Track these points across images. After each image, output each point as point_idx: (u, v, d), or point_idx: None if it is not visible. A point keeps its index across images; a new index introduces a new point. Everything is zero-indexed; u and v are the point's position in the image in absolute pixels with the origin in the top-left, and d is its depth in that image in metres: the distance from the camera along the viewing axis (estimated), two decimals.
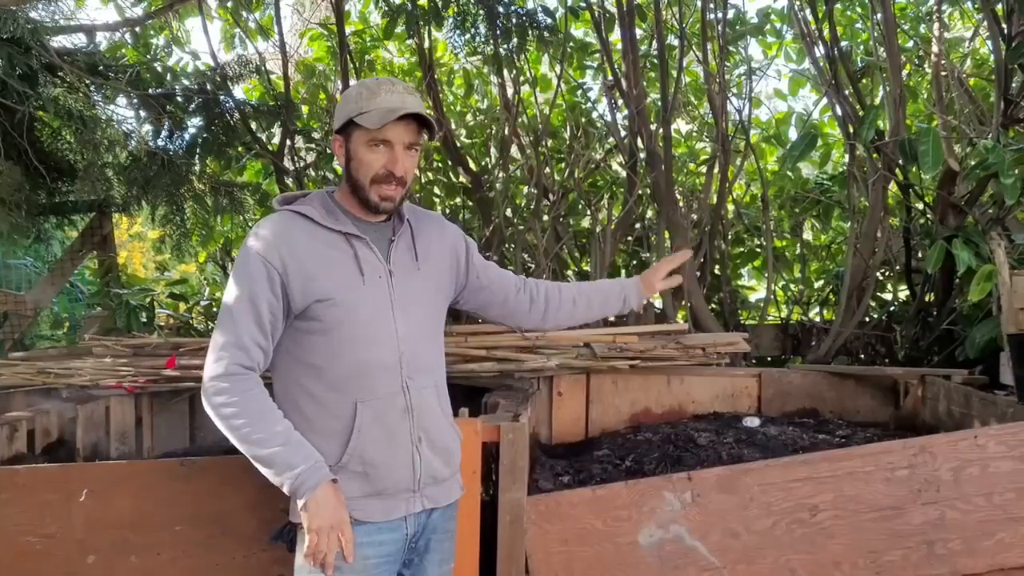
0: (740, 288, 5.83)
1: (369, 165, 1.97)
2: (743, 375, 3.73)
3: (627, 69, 4.95)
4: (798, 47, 6.02)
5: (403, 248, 2.09)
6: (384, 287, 2.02)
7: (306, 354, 1.98)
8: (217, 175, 4.74)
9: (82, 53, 4.34)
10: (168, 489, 2.50)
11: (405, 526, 2.03)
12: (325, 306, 1.95)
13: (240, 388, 1.90)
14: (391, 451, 2.00)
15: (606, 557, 2.51)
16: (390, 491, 2.00)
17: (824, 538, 2.54)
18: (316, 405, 1.97)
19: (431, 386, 2.10)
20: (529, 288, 2.41)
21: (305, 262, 1.95)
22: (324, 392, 1.97)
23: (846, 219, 5.59)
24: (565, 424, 3.59)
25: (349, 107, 1.99)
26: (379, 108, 1.95)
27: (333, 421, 1.97)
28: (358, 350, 1.98)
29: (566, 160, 5.51)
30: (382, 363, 2.00)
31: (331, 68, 6.02)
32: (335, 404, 1.97)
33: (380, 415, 1.99)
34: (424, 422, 2.05)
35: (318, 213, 2.01)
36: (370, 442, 1.97)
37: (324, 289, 1.95)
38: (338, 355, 1.97)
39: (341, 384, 1.97)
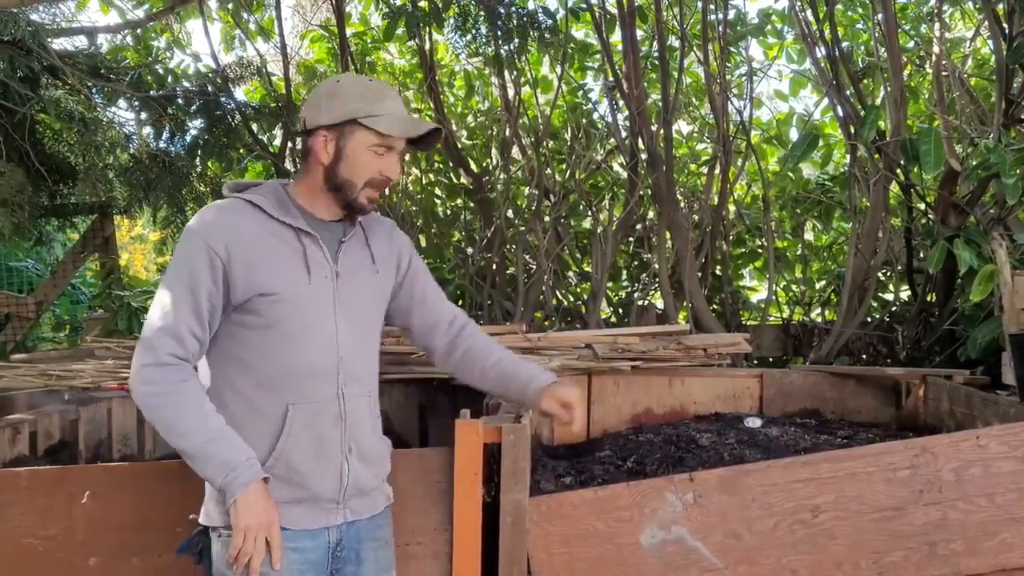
0: (741, 289, 5.82)
1: (367, 168, 1.94)
2: (744, 376, 3.73)
3: (628, 70, 4.95)
4: (799, 48, 6.02)
5: (353, 251, 2.05)
6: (329, 288, 1.97)
7: (239, 349, 1.92)
8: (218, 177, 4.74)
9: (83, 55, 4.35)
10: (169, 491, 2.49)
11: (327, 535, 1.98)
12: (267, 301, 1.89)
13: (172, 378, 1.83)
14: (319, 459, 1.95)
15: (608, 558, 2.50)
16: (313, 499, 1.95)
17: (826, 539, 2.54)
18: (244, 404, 1.91)
19: (366, 395, 2.07)
20: (456, 332, 2.30)
21: (251, 253, 1.88)
22: (254, 391, 1.91)
23: (847, 219, 5.59)
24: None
25: (352, 106, 1.92)
26: (394, 115, 1.93)
27: (261, 422, 1.91)
28: (295, 350, 1.92)
29: (567, 161, 5.51)
30: (319, 367, 1.95)
31: (332, 69, 6.02)
32: (265, 404, 1.91)
33: (311, 420, 1.93)
34: (356, 432, 2.01)
35: (270, 204, 1.94)
36: (298, 447, 1.92)
37: (268, 283, 1.89)
38: (273, 353, 1.91)
39: (273, 384, 1.91)
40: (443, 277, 5.53)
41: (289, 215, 1.95)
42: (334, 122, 1.93)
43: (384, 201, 5.36)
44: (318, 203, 1.99)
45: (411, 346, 3.45)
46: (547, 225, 5.08)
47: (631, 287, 5.80)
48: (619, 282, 5.84)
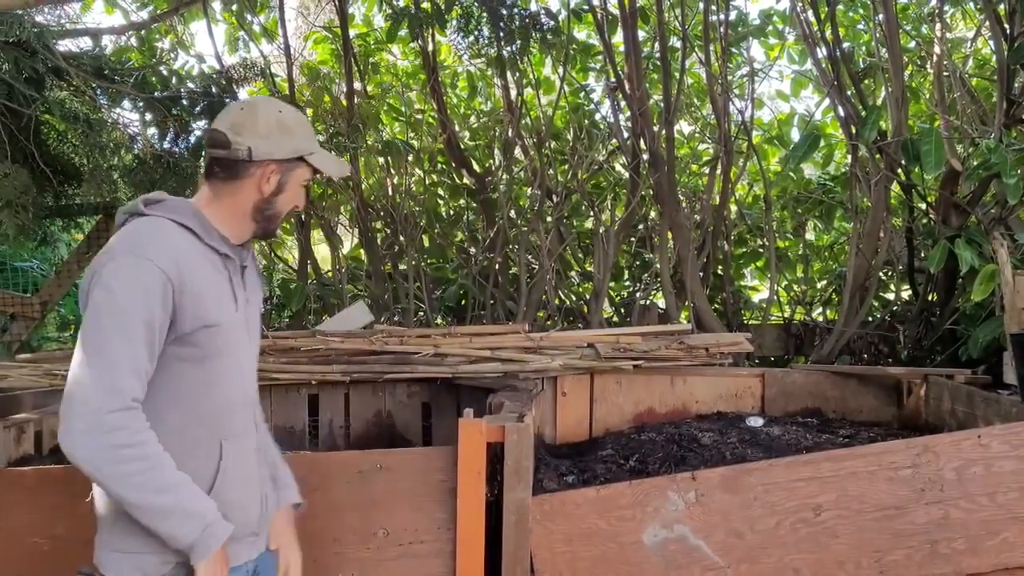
0: (742, 288, 5.84)
1: (293, 201, 1.91)
2: (746, 375, 3.74)
3: (630, 71, 4.96)
4: (800, 48, 6.04)
5: (250, 275, 1.98)
6: (243, 316, 1.90)
7: (178, 384, 1.77)
8: None
9: (88, 57, 4.36)
10: None
11: (247, 569, 1.90)
12: (210, 332, 1.77)
13: (140, 426, 1.66)
14: (247, 492, 1.89)
15: (610, 556, 2.52)
16: (240, 534, 1.84)
17: (828, 538, 2.55)
18: (182, 442, 1.76)
19: (262, 422, 2.04)
20: None
21: (196, 279, 1.75)
22: (188, 427, 1.78)
23: (848, 219, 5.60)
24: (569, 424, 3.60)
25: (301, 144, 1.88)
26: (323, 152, 1.93)
27: (197, 460, 1.78)
28: (228, 383, 1.84)
29: (569, 161, 5.53)
30: (241, 398, 1.90)
31: (335, 71, 6.03)
32: (198, 441, 1.79)
33: (240, 454, 1.87)
34: (264, 460, 2.00)
35: (198, 227, 1.81)
36: (232, 483, 1.83)
37: (211, 314, 1.77)
38: (209, 388, 1.80)
39: (208, 419, 1.81)
40: (446, 277, 5.55)
41: (214, 240, 1.84)
42: (286, 157, 1.87)
43: (387, 201, 5.38)
44: (233, 227, 1.88)
45: (415, 345, 3.48)
46: (549, 225, 5.09)
47: (633, 287, 5.82)
48: (621, 282, 5.86)
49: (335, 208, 5.59)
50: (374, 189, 5.59)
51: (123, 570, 1.75)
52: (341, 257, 5.46)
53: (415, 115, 6.01)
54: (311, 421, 3.65)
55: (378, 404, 3.70)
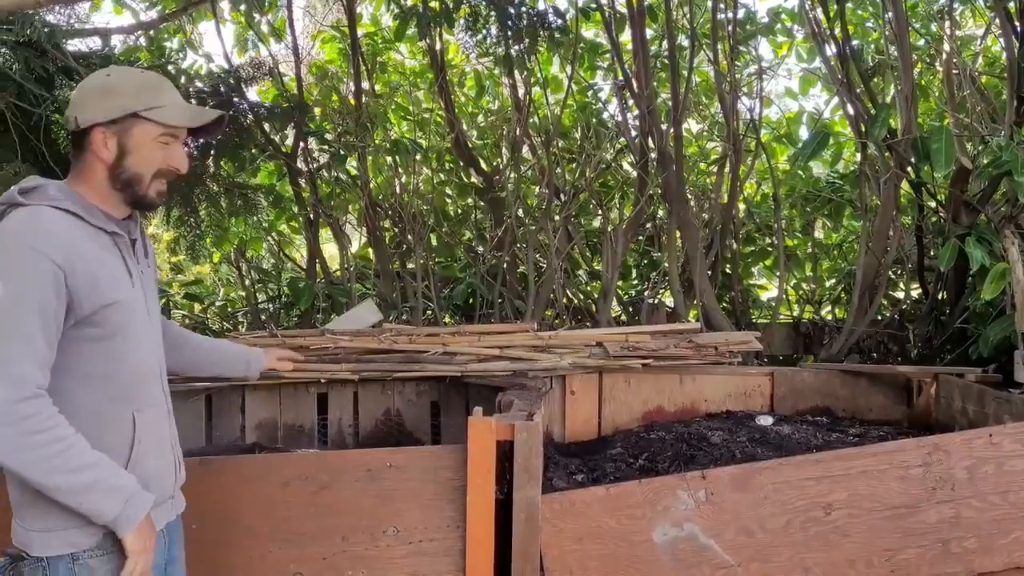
0: (751, 287, 5.82)
1: (154, 160, 1.88)
2: (755, 374, 3.74)
3: (638, 69, 4.96)
4: (808, 46, 6.02)
5: (140, 248, 2.01)
6: (140, 288, 1.94)
7: (85, 364, 1.81)
8: (231, 177, 4.76)
9: (97, 56, 4.37)
10: (186, 488, 2.52)
11: (164, 535, 1.97)
12: (111, 310, 1.82)
13: (49, 411, 1.71)
14: (162, 459, 1.96)
15: (620, 555, 2.52)
16: (159, 501, 1.92)
17: (838, 536, 2.55)
18: (96, 420, 1.81)
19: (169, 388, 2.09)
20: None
21: (88, 262, 1.78)
22: (103, 404, 1.84)
23: (857, 218, 5.59)
24: (578, 423, 3.60)
25: (130, 100, 1.85)
26: (179, 105, 1.90)
27: (111, 435, 1.84)
28: (137, 356, 1.90)
29: (577, 160, 5.52)
30: (151, 368, 1.96)
31: (343, 70, 6.04)
32: (115, 416, 1.86)
33: (153, 423, 1.93)
34: (175, 426, 2.05)
35: (80, 209, 1.83)
36: (148, 452, 1.90)
37: (109, 292, 1.82)
38: (120, 363, 1.86)
39: (122, 394, 1.86)
40: (454, 276, 5.55)
41: (98, 219, 1.86)
42: (111, 118, 1.85)
43: (395, 200, 5.39)
44: (105, 201, 1.89)
45: (424, 344, 3.48)
46: (557, 224, 5.09)
47: (641, 286, 5.81)
48: (629, 280, 5.85)
49: (343, 207, 5.60)
50: (382, 188, 5.59)
51: (52, 546, 1.79)
52: (349, 256, 5.46)
53: (423, 114, 6.02)
54: (320, 419, 3.66)
55: (387, 402, 3.71)
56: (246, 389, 3.57)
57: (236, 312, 5.75)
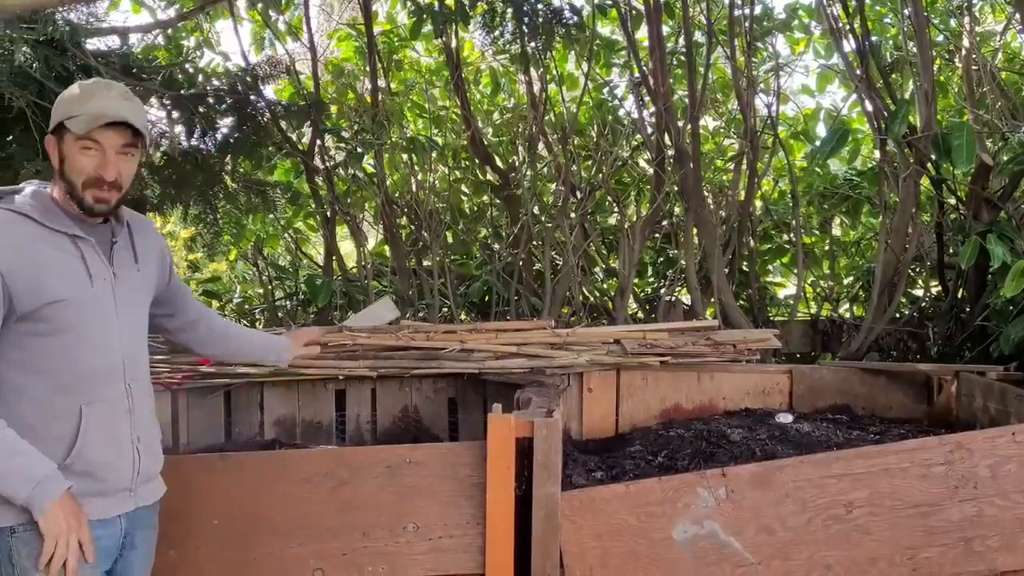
0: (768, 285, 5.80)
1: (80, 169, 1.93)
2: (774, 371, 3.72)
3: (654, 66, 4.94)
4: (826, 42, 5.99)
5: (124, 249, 2.09)
6: (109, 290, 2.02)
7: (31, 357, 1.93)
8: (249, 174, 4.78)
9: (116, 55, 4.39)
10: (207, 483, 2.53)
11: (120, 523, 2.05)
12: (56, 307, 1.91)
13: None
14: (114, 452, 2.02)
15: (640, 553, 2.51)
16: (111, 491, 2.01)
17: (860, 534, 2.54)
18: (38, 409, 1.93)
19: (146, 387, 2.16)
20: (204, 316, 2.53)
21: (33, 262, 1.89)
22: (48, 395, 1.93)
23: (875, 215, 5.55)
24: (595, 420, 3.59)
25: (61, 109, 1.95)
26: (89, 113, 1.92)
27: (57, 424, 1.94)
28: (88, 353, 1.97)
29: (593, 157, 5.51)
30: (108, 367, 2.01)
31: (359, 68, 6.05)
32: (60, 407, 1.94)
33: (105, 417, 2.00)
34: (140, 423, 2.09)
35: (39, 213, 1.94)
36: (95, 444, 1.97)
37: (55, 290, 1.91)
38: (67, 358, 1.94)
39: (67, 387, 1.95)
40: (470, 273, 5.55)
41: (60, 222, 1.96)
42: (51, 128, 1.98)
43: (411, 197, 5.39)
44: (72, 206, 1.99)
45: (441, 341, 3.48)
46: (574, 221, 5.08)
47: (657, 283, 5.80)
48: (645, 278, 5.84)
49: (360, 205, 5.61)
50: (398, 186, 5.60)
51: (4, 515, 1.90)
52: (366, 253, 5.47)
53: (439, 112, 6.02)
54: (338, 416, 3.66)
55: (404, 399, 3.71)
56: (264, 385, 3.58)
57: (254, 309, 5.77)
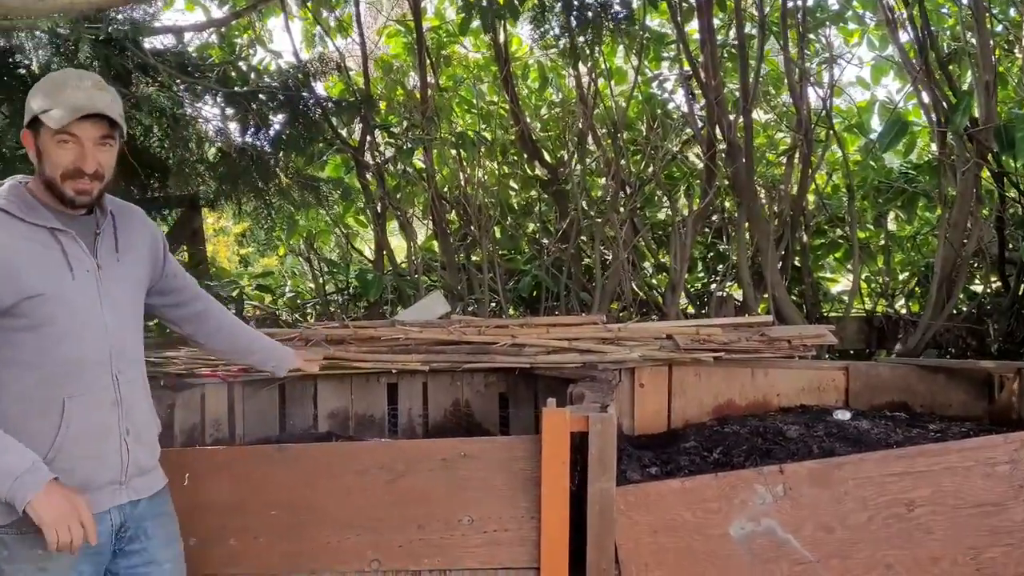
0: (821, 280, 5.72)
1: (57, 162, 1.92)
2: (829, 368, 3.66)
3: (705, 59, 4.89)
4: (881, 33, 5.87)
5: (107, 240, 2.08)
6: (92, 281, 2.01)
7: (12, 352, 1.93)
8: (301, 170, 4.84)
9: (171, 53, 4.47)
10: (264, 475, 2.56)
11: (110, 518, 2.02)
12: (35, 302, 1.91)
13: None
14: (99, 445, 2.00)
15: (696, 549, 2.49)
16: (97, 484, 1.99)
17: (922, 533, 2.49)
18: (19, 403, 1.92)
19: (139, 378, 2.13)
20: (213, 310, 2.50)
21: (9, 258, 1.88)
22: (30, 389, 1.93)
23: (932, 209, 5.44)
24: (647, 416, 3.57)
25: (35, 103, 1.94)
26: (63, 106, 1.91)
27: (39, 418, 1.93)
28: (69, 346, 1.95)
29: (642, 152, 5.48)
30: (93, 358, 2.00)
31: (408, 64, 6.09)
32: (42, 401, 1.93)
33: (90, 410, 1.98)
34: (131, 415, 2.07)
35: (16, 207, 1.94)
36: (79, 437, 1.96)
37: (32, 285, 1.90)
38: (48, 352, 1.93)
39: (51, 381, 1.94)
40: (518, 268, 5.55)
41: (39, 216, 1.96)
42: (26, 123, 1.97)
43: (460, 193, 5.41)
44: (52, 200, 1.99)
45: (493, 336, 3.49)
46: (623, 216, 5.06)
47: (707, 278, 5.75)
48: (695, 273, 5.79)
49: (410, 200, 5.65)
50: (447, 181, 5.62)
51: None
52: (416, 248, 5.51)
53: (487, 107, 6.03)
54: (390, 409, 3.69)
55: (456, 393, 3.73)
56: (318, 379, 3.62)
57: (305, 304, 5.84)
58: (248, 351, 2.61)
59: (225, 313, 2.57)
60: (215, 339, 2.51)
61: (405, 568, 2.55)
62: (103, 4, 2.97)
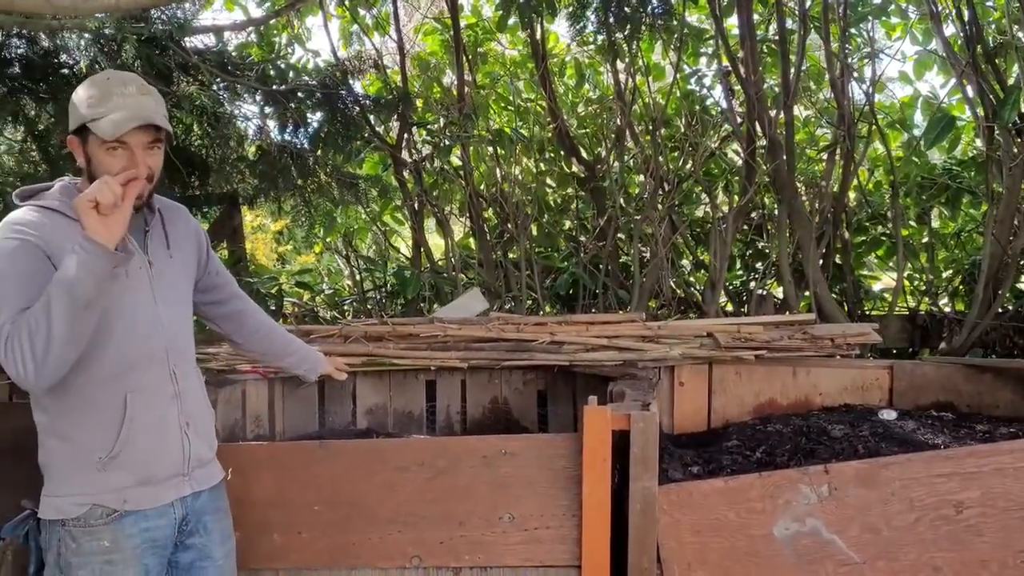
0: (863, 278, 5.63)
1: (109, 169, 1.93)
2: (873, 367, 3.60)
3: (745, 54, 4.84)
4: (924, 27, 5.77)
5: (157, 238, 2.13)
6: (145, 278, 2.05)
7: None
8: (339, 168, 4.87)
9: (211, 52, 4.52)
10: (307, 471, 2.59)
11: (173, 511, 2.08)
12: None
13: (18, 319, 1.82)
14: (162, 438, 2.05)
15: (740, 549, 2.47)
16: (161, 477, 2.05)
17: (971, 536, 2.44)
18: (82, 399, 1.96)
19: (193, 372, 2.19)
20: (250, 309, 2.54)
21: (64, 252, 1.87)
22: (90, 385, 1.96)
23: (977, 205, 5.34)
24: (687, 414, 3.54)
25: (81, 111, 1.95)
26: (112, 116, 1.91)
27: (102, 414, 1.98)
28: (126, 342, 1.99)
29: (680, 148, 5.43)
30: (150, 353, 2.04)
31: (445, 61, 6.09)
32: (103, 397, 1.98)
33: (150, 404, 2.03)
34: (189, 407, 2.12)
35: (69, 208, 1.96)
36: (141, 431, 2.00)
37: None
38: (107, 349, 1.97)
39: (109, 376, 1.97)
40: (555, 265, 5.53)
41: None
42: (72, 129, 1.99)
43: (497, 190, 5.40)
44: None
45: (532, 333, 3.48)
46: (661, 213, 5.02)
47: (746, 276, 5.69)
48: (734, 271, 5.74)
49: (447, 197, 5.65)
50: (484, 178, 5.62)
51: (47, 511, 2.00)
52: (454, 246, 5.51)
53: (524, 104, 6.02)
54: (428, 406, 3.70)
55: (494, 391, 3.73)
56: (357, 376, 3.64)
57: (343, 301, 5.87)
58: (283, 353, 2.65)
59: (262, 315, 2.61)
60: (252, 339, 2.56)
61: (446, 565, 2.56)
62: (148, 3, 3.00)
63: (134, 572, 2.00)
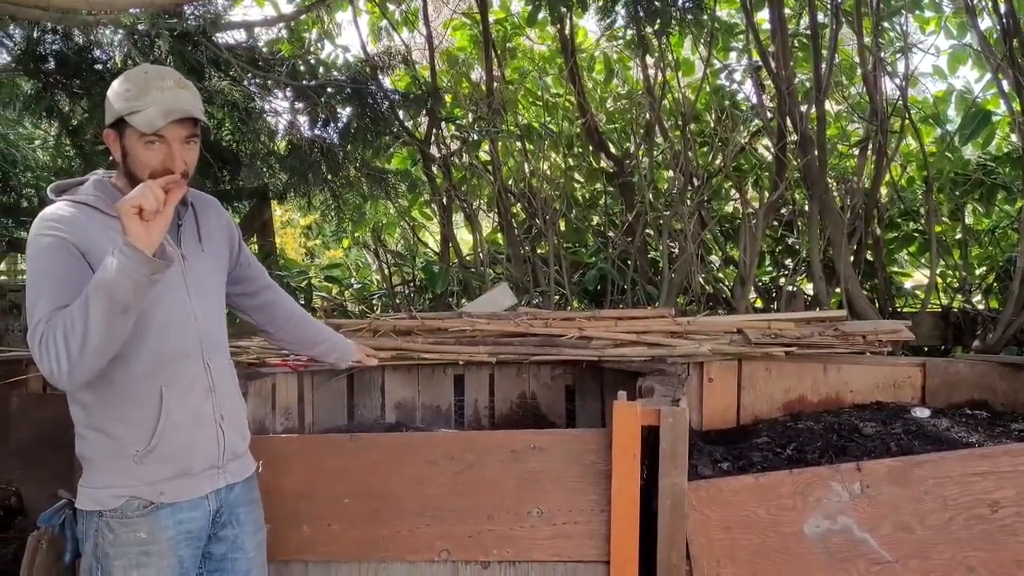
0: (895, 275, 5.57)
1: (146, 163, 1.92)
2: (905, 364, 3.56)
3: (776, 49, 4.80)
4: (959, 21, 5.69)
5: (190, 232, 2.12)
6: (178, 272, 2.03)
7: None
8: (368, 162, 4.89)
9: (243, 48, 4.55)
10: (336, 463, 2.60)
11: (208, 503, 2.09)
12: None
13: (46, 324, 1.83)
14: (197, 431, 2.06)
15: (770, 546, 2.45)
16: (197, 470, 2.06)
17: (1006, 535, 2.41)
18: (118, 393, 1.97)
19: (226, 365, 2.19)
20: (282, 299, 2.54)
21: (101, 251, 1.87)
22: (127, 379, 1.97)
23: (1012, 201, 5.26)
24: (716, 411, 3.52)
25: (118, 105, 1.94)
26: (150, 109, 1.90)
27: (139, 408, 1.99)
28: (162, 337, 2.00)
29: (710, 144, 5.40)
30: (184, 347, 2.04)
31: (473, 56, 6.10)
32: (140, 391, 1.98)
33: (186, 398, 2.03)
34: (223, 401, 2.13)
35: (103, 203, 1.97)
36: (177, 425, 2.01)
37: None
38: (142, 343, 1.97)
39: (145, 371, 1.98)
40: (583, 260, 5.53)
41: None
42: (109, 123, 1.98)
43: (525, 185, 5.40)
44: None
45: (560, 328, 3.47)
46: (691, 209, 4.99)
47: (776, 272, 5.64)
48: (763, 267, 5.70)
49: (475, 192, 5.66)
50: (513, 173, 5.62)
51: (84, 502, 2.01)
52: (482, 240, 5.52)
53: (552, 99, 6.01)
54: (457, 401, 3.71)
55: (522, 385, 3.73)
56: (386, 370, 3.66)
57: (372, 296, 5.90)
58: (315, 342, 2.66)
59: (293, 304, 2.62)
60: (284, 329, 2.56)
61: (475, 559, 2.56)
62: None
63: (169, 563, 2.02)
